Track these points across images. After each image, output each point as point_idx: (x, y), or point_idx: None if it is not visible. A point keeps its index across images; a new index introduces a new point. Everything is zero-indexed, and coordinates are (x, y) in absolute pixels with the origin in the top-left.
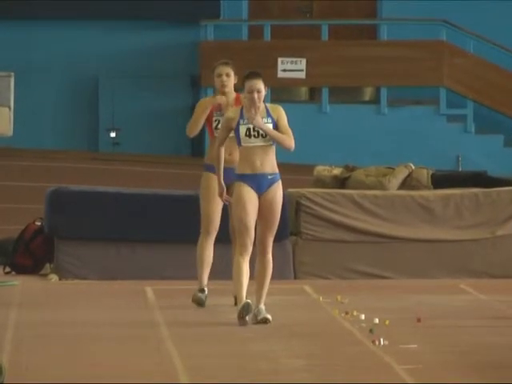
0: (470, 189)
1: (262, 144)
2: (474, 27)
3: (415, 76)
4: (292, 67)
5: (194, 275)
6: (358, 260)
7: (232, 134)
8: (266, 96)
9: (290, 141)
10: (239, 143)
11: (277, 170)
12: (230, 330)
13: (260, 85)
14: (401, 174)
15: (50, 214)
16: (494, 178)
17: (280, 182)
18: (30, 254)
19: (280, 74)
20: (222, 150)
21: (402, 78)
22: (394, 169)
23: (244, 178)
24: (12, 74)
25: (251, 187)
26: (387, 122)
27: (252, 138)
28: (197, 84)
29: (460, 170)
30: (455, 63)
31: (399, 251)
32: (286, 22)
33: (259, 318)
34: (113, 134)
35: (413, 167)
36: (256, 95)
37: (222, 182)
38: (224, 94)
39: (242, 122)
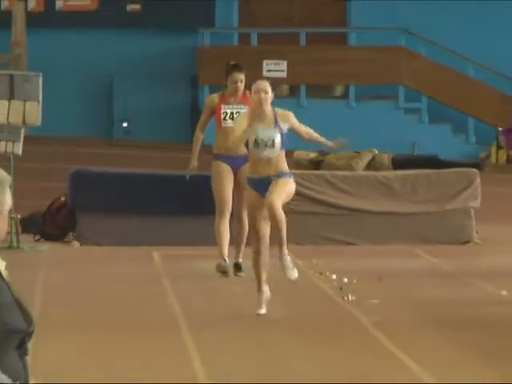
0: (424, 170)
1: (270, 154)
2: (428, 34)
3: (378, 75)
4: (275, 68)
5: (193, 242)
6: (330, 229)
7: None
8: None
9: (310, 134)
10: (248, 150)
11: (283, 170)
12: (221, 282)
13: (266, 86)
14: (366, 157)
15: (73, 190)
16: (444, 161)
17: (286, 176)
18: (55, 225)
19: (265, 74)
20: (238, 140)
21: (367, 77)
22: (360, 153)
23: (251, 181)
24: (40, 74)
25: (255, 190)
26: (355, 114)
27: (260, 148)
28: (195, 82)
29: (415, 154)
30: (412, 65)
31: (364, 222)
32: (269, 29)
33: (286, 277)
34: (125, 124)
35: (376, 152)
36: (263, 95)
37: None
38: (236, 96)
39: (250, 130)
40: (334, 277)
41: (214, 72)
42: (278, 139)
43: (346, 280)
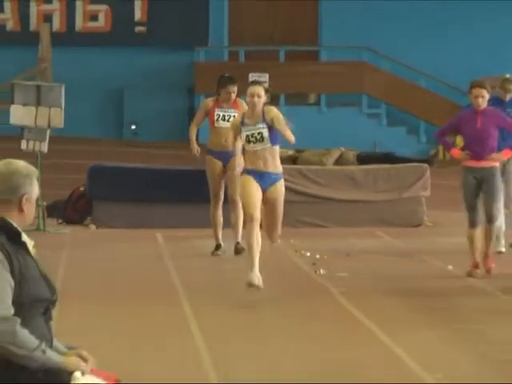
0: (383, 165)
1: (261, 147)
2: (387, 51)
3: (345, 86)
4: (259, 80)
5: (190, 225)
6: (305, 215)
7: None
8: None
9: (291, 138)
10: (243, 148)
11: (280, 170)
12: (214, 259)
13: (260, 90)
14: (335, 154)
15: (90, 182)
16: (400, 157)
17: (282, 180)
18: (76, 211)
19: None
20: (237, 142)
21: (336, 87)
22: (330, 151)
23: (250, 171)
24: (63, 84)
25: (255, 179)
26: (325, 119)
27: (251, 143)
28: (192, 92)
29: (376, 151)
30: (373, 77)
31: (334, 208)
32: (254, 47)
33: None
34: (133, 127)
35: (343, 150)
36: (256, 99)
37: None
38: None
39: (243, 128)
40: (308, 254)
41: (208, 83)
42: (265, 133)
43: (318, 256)
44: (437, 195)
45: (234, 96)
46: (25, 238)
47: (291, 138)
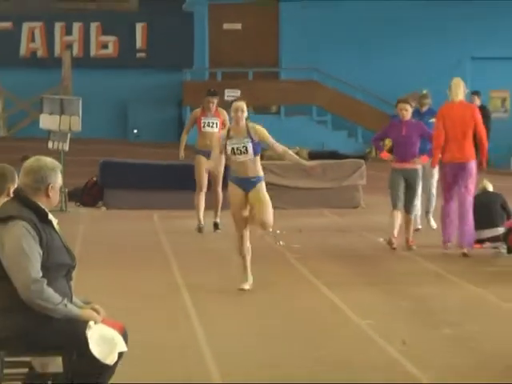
0: (329, 160)
1: (244, 159)
2: (332, 71)
3: (299, 99)
4: (232, 94)
5: (180, 208)
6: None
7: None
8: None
9: (279, 149)
10: (228, 158)
11: (260, 174)
12: (199, 234)
13: (243, 106)
14: (292, 152)
15: (102, 173)
16: (342, 154)
17: (263, 182)
18: (90, 196)
19: (226, 99)
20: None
21: (292, 100)
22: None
23: (234, 180)
24: (80, 98)
25: (239, 187)
26: (284, 125)
27: (236, 155)
28: (180, 104)
29: (324, 150)
30: (321, 92)
31: (291, 194)
32: (229, 69)
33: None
34: (135, 131)
35: (298, 149)
36: (240, 114)
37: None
38: (211, 111)
39: (229, 142)
40: (271, 230)
41: (193, 98)
42: (249, 147)
43: (278, 232)
44: (370, 183)
45: (214, 106)
46: (51, 216)
47: (279, 148)
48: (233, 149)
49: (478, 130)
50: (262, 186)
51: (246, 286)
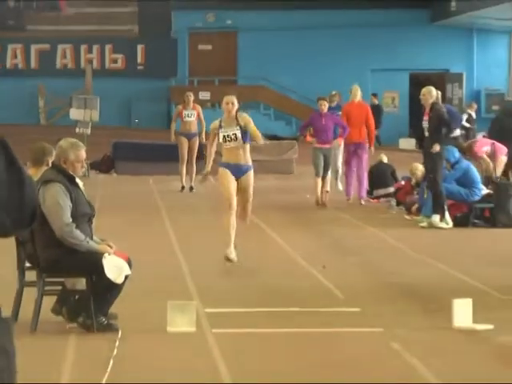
0: (273, 141)
1: (235, 145)
2: (275, 78)
3: (251, 98)
4: (205, 95)
5: (170, 174)
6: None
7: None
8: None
9: (260, 139)
10: (220, 146)
11: (250, 163)
12: (182, 192)
13: (233, 99)
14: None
15: (114, 150)
16: (281, 137)
17: (252, 170)
18: (105, 166)
19: (200, 98)
20: (212, 148)
21: (245, 99)
22: None
23: (225, 165)
24: (98, 97)
25: (230, 170)
26: None
27: (227, 142)
28: (169, 102)
29: (268, 134)
30: (267, 93)
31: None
32: (202, 78)
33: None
34: (136, 120)
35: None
36: (230, 106)
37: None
38: (189, 105)
39: (220, 130)
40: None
41: (177, 97)
42: (239, 134)
43: None
44: (300, 158)
45: (191, 101)
46: (77, 180)
47: (259, 137)
48: (224, 136)
49: (369, 123)
50: (252, 174)
51: (232, 255)
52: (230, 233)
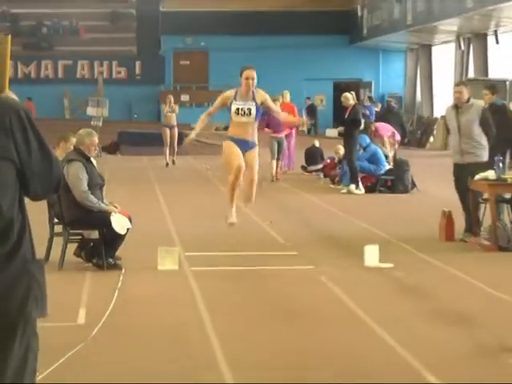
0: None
1: (246, 120)
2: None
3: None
4: (185, 98)
5: (157, 154)
6: (201, 150)
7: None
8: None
9: (280, 114)
10: (231, 117)
11: (256, 140)
12: (166, 168)
13: (253, 74)
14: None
15: (119, 137)
16: None
17: (257, 148)
18: (112, 149)
19: (181, 100)
20: (206, 118)
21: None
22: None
23: (234, 139)
24: (107, 99)
25: (238, 145)
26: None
27: (239, 115)
28: (159, 103)
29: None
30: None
31: (209, 148)
32: (183, 84)
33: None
34: (136, 115)
35: (217, 125)
36: (251, 81)
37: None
38: (170, 103)
39: (234, 101)
40: (205, 165)
41: (165, 99)
42: (253, 110)
43: (204, 165)
44: (260, 144)
45: (172, 102)
46: (92, 159)
47: (279, 112)
48: (237, 109)
49: (294, 115)
50: (257, 151)
51: (234, 219)
52: (234, 195)
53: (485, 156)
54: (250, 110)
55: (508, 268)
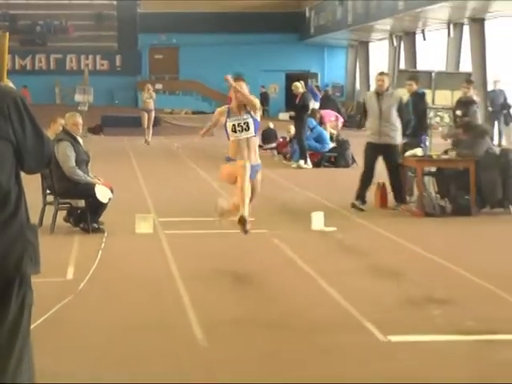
0: (203, 114)
1: (245, 136)
2: (204, 78)
3: (189, 89)
4: (159, 86)
5: (136, 135)
6: (174, 131)
7: None
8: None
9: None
10: (228, 137)
11: (259, 161)
12: (146, 145)
13: (242, 84)
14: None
15: (102, 120)
16: (207, 112)
17: (261, 170)
18: (97, 129)
19: (156, 88)
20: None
21: (185, 89)
22: (183, 110)
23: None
24: (92, 87)
25: None
26: (181, 100)
27: (237, 132)
28: (136, 90)
29: (198, 110)
30: (200, 87)
31: (181, 129)
32: (157, 75)
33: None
34: (117, 101)
35: (189, 111)
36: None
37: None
38: (149, 93)
39: (228, 119)
40: (176, 144)
41: (141, 88)
42: (251, 123)
43: (176, 144)
44: (220, 125)
45: (150, 89)
46: (78, 138)
47: (250, 98)
48: (234, 126)
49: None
50: (260, 174)
51: (246, 214)
52: (246, 198)
53: (398, 137)
54: (246, 123)
55: (433, 230)
